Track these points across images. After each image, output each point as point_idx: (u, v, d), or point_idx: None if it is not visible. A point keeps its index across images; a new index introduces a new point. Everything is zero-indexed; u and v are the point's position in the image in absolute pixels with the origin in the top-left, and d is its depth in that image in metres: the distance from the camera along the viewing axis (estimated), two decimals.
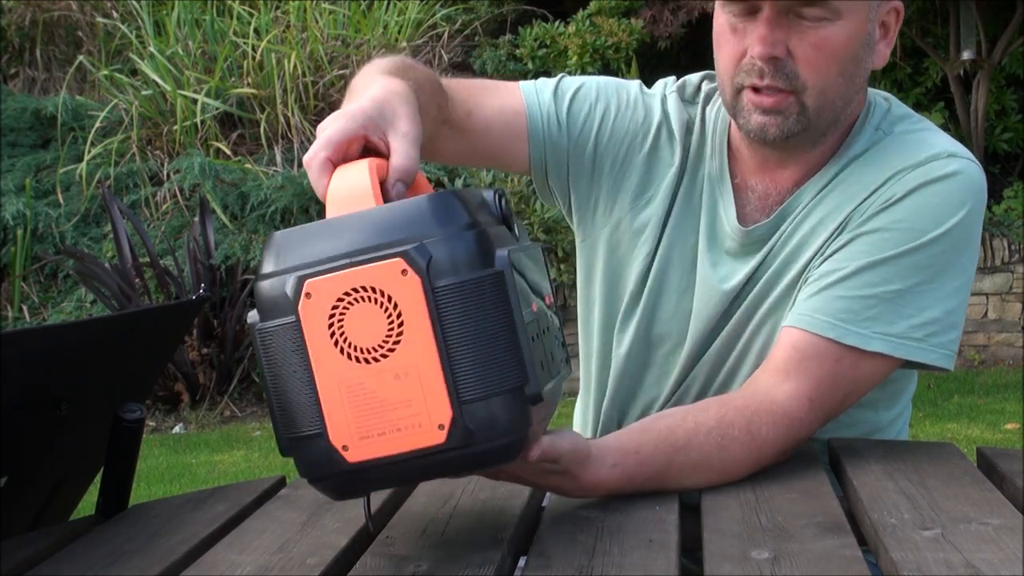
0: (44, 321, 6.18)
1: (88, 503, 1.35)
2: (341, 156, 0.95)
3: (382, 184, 0.94)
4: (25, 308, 6.37)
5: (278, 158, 6.64)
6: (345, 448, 0.86)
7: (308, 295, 0.86)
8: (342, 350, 0.86)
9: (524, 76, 6.82)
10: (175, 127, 6.76)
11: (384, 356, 0.85)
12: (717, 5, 1.22)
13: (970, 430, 4.43)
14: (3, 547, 1.13)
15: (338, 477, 0.88)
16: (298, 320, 0.86)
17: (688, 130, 1.33)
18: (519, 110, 1.32)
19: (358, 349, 0.85)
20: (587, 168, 1.34)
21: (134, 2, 7.53)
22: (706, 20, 6.44)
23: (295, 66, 6.74)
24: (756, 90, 1.19)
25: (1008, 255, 5.84)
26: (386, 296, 0.85)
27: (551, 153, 1.33)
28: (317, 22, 7.12)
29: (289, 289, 0.86)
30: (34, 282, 6.53)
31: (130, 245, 5.86)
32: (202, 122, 6.73)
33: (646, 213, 1.32)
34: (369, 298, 0.85)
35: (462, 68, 7.39)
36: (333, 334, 0.86)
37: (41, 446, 1.25)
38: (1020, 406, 4.70)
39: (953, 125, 6.47)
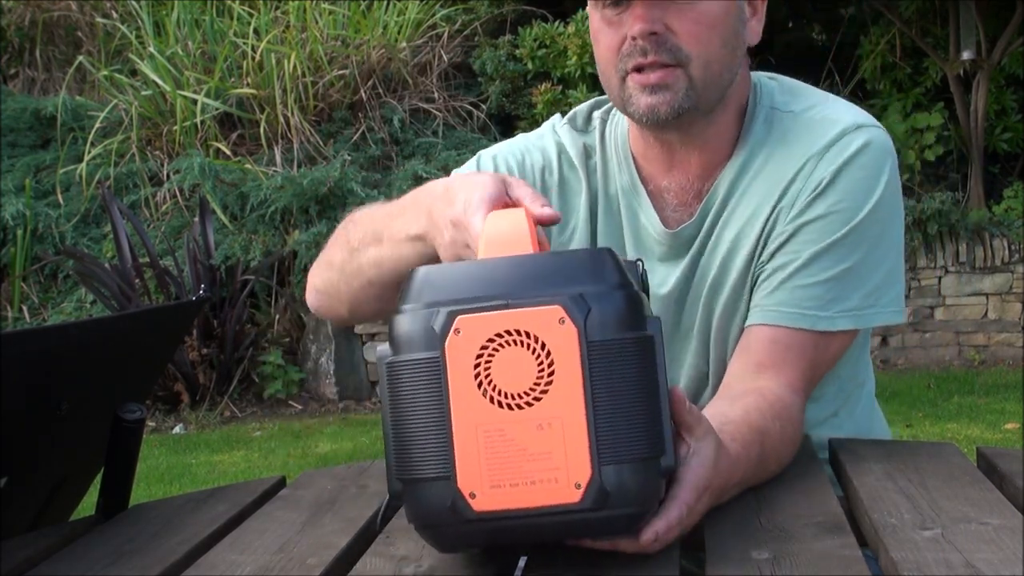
0: (44, 321, 6.18)
1: (88, 503, 1.35)
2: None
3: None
4: (25, 308, 6.37)
5: (278, 158, 6.64)
6: (472, 496, 0.82)
7: (457, 331, 0.82)
8: (485, 392, 0.82)
9: (524, 76, 6.82)
10: (175, 127, 6.76)
11: (529, 404, 0.81)
12: (589, 7, 1.25)
13: (970, 430, 4.43)
14: (3, 547, 1.13)
15: (458, 526, 0.83)
16: (443, 356, 0.82)
17: (588, 155, 1.35)
18: None
19: (503, 394, 0.82)
20: None
21: (134, 2, 7.53)
22: None
23: (295, 66, 6.74)
24: (640, 71, 1.20)
25: (1008, 255, 5.85)
26: (540, 342, 0.81)
27: None
28: (317, 22, 7.12)
29: (437, 323, 0.83)
30: (34, 282, 6.53)
31: (130, 245, 5.86)
32: (202, 122, 6.73)
33: (572, 246, 1.33)
34: (522, 342, 0.82)
35: (462, 68, 7.40)
36: (478, 375, 0.82)
37: (41, 446, 1.25)
38: (1020, 406, 4.70)
39: (953, 125, 6.48)
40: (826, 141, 1.22)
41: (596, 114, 1.37)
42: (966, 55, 6.26)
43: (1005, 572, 0.82)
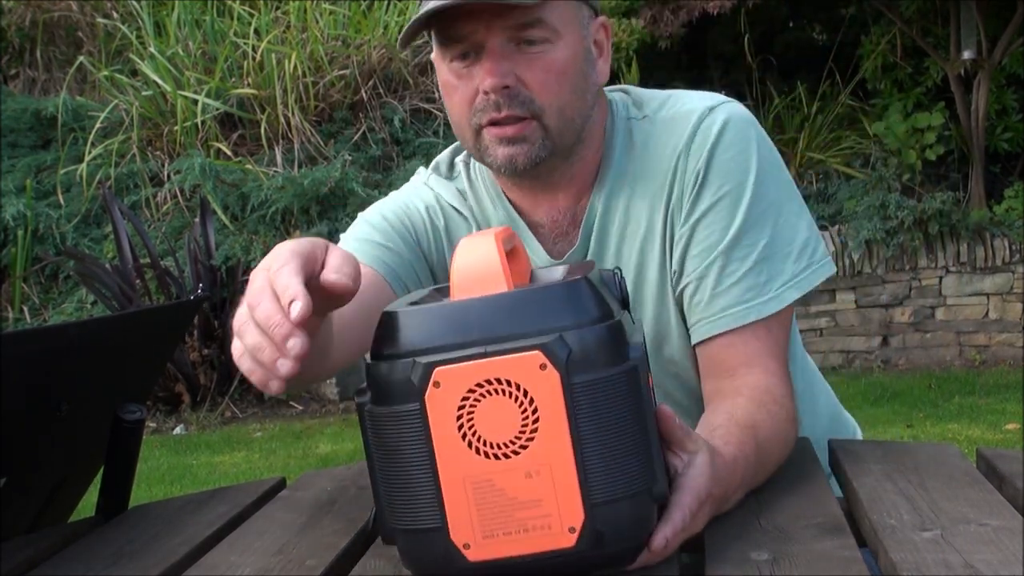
0: (45, 322, 6.18)
1: (88, 504, 1.35)
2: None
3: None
4: (26, 309, 6.38)
5: (278, 158, 6.64)
6: (467, 546, 0.82)
7: (437, 384, 0.80)
8: (470, 444, 0.81)
9: None
10: (175, 128, 6.76)
11: (515, 453, 0.81)
12: (436, 59, 1.23)
13: (971, 430, 4.43)
14: (3, 548, 1.13)
15: (455, 574, 0.83)
16: (423, 409, 0.81)
17: (463, 196, 1.34)
18: (368, 275, 1.24)
19: (488, 444, 0.81)
20: (422, 271, 1.32)
21: (134, 2, 7.53)
22: (707, 20, 6.44)
23: (295, 66, 6.74)
24: (496, 123, 1.19)
25: (1008, 255, 5.84)
26: (522, 390, 0.80)
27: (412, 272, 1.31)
28: (317, 22, 7.12)
29: (415, 376, 0.81)
30: (35, 283, 6.53)
31: (131, 246, 5.86)
32: (202, 122, 6.73)
33: None
34: (503, 391, 0.80)
35: None
36: (461, 427, 0.81)
37: (41, 446, 1.25)
38: (1021, 406, 4.70)
39: (954, 125, 6.48)
40: (688, 134, 1.22)
41: (458, 160, 1.38)
42: (967, 55, 6.26)
43: (1004, 573, 0.82)
